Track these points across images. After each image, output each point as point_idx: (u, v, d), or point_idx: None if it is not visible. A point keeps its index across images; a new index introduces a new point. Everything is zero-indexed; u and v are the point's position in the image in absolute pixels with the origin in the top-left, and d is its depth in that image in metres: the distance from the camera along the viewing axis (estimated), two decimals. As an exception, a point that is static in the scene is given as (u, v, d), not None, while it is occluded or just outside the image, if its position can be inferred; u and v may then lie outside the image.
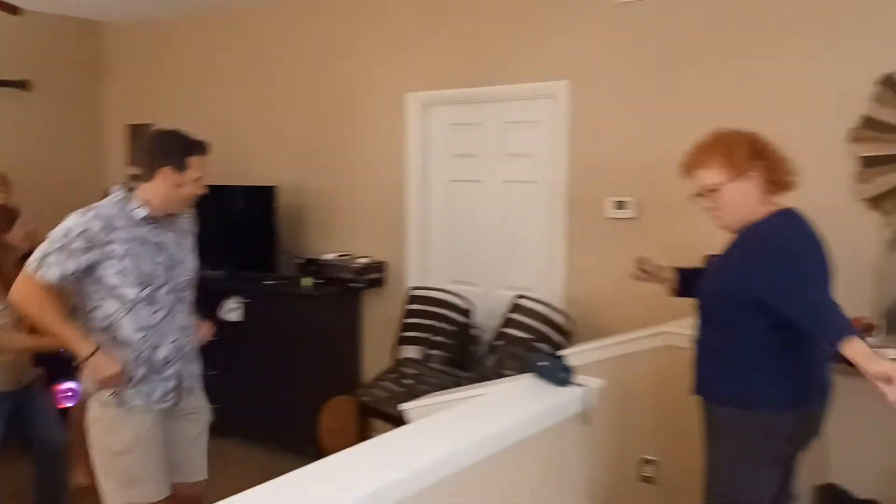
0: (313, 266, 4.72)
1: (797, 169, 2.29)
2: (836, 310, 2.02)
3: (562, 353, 3.46)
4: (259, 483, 1.57)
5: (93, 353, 2.43)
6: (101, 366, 2.42)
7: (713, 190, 2.22)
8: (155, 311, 2.49)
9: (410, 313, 4.48)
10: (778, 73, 3.37)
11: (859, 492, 3.16)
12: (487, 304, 4.36)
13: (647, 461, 3.28)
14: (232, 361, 4.45)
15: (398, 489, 1.63)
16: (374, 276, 4.68)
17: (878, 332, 3.01)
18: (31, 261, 2.41)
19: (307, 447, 4.18)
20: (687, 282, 2.52)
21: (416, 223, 4.62)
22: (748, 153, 2.20)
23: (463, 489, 1.83)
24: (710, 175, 2.22)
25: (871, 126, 3.13)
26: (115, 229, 2.42)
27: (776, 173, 2.23)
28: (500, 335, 4.10)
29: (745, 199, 2.21)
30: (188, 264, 2.62)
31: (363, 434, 3.99)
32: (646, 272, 2.59)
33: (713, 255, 2.43)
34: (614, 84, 3.84)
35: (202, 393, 2.75)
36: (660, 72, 3.70)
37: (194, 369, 2.68)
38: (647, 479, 3.28)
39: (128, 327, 2.46)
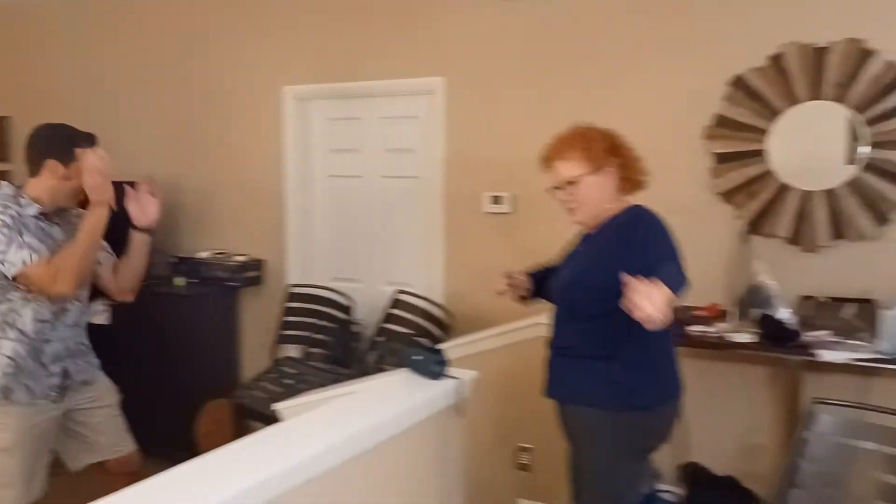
0: (186, 265, 4.56)
1: (650, 168, 2.34)
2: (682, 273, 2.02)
3: (440, 346, 3.52)
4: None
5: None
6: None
7: (571, 182, 2.22)
8: (50, 307, 2.49)
9: (290, 311, 4.40)
10: (641, 73, 3.54)
11: (718, 469, 3.37)
12: (369, 299, 4.35)
13: (523, 449, 3.37)
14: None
15: (267, 489, 1.60)
16: (251, 274, 4.57)
17: (731, 318, 3.21)
18: (14, 262, 2.36)
19: (184, 453, 4.01)
20: (538, 284, 2.49)
21: (295, 219, 4.55)
22: (606, 148, 2.22)
23: (335, 486, 1.82)
24: (569, 167, 2.23)
25: (723, 124, 3.34)
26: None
27: (630, 171, 2.26)
28: (381, 331, 4.10)
29: (601, 194, 2.23)
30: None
31: (241, 437, 3.88)
32: (513, 285, 2.46)
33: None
34: (489, 81, 3.91)
35: (102, 380, 2.75)
36: (532, 70, 3.80)
37: (86, 364, 2.68)
38: (523, 467, 3.38)
39: (26, 318, 2.46)
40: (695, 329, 3.13)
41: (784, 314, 3.10)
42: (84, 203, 2.55)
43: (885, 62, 3.03)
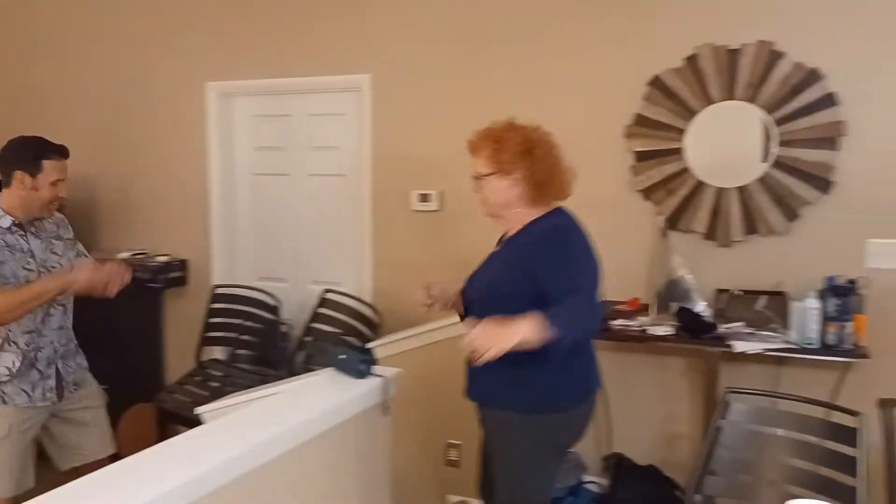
0: (106, 266, 4.40)
1: (575, 165, 2.32)
2: (585, 310, 2.04)
3: (369, 345, 3.51)
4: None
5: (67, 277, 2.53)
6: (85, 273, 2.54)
7: (478, 177, 2.24)
8: (35, 315, 2.59)
9: (215, 312, 4.31)
10: (566, 71, 3.60)
11: (640, 459, 3.47)
12: (297, 299, 4.30)
13: (452, 445, 3.39)
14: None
15: (187, 492, 1.58)
16: (175, 274, 4.45)
17: (651, 311, 3.31)
18: None
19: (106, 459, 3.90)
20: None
21: (219, 218, 4.46)
22: (518, 153, 2.17)
23: (257, 488, 1.80)
24: (479, 164, 2.23)
25: (642, 123, 3.43)
26: None
27: (546, 180, 2.19)
28: (309, 330, 4.06)
29: (504, 195, 2.20)
30: (63, 268, 2.67)
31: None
32: (432, 297, 2.39)
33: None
34: (416, 78, 3.92)
35: (91, 380, 2.90)
36: (458, 67, 3.82)
37: (76, 365, 2.82)
38: (452, 463, 3.40)
39: (16, 331, 2.57)
40: (617, 323, 3.21)
41: (700, 307, 3.21)
42: (62, 208, 2.74)
43: (793, 63, 3.17)
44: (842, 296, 2.89)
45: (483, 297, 2.25)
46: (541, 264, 2.09)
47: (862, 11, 3.11)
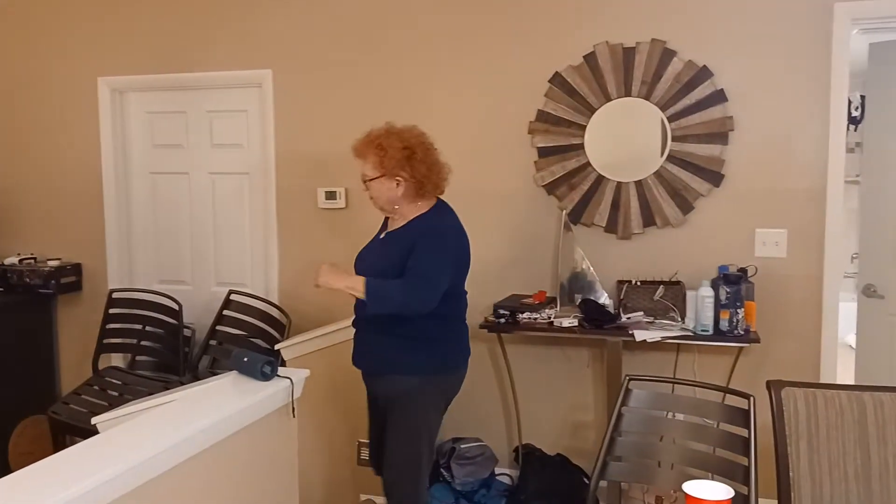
0: (-10, 272, 4.16)
1: (449, 174, 2.60)
2: (407, 293, 2.40)
3: (276, 346, 3.44)
4: None
5: None
6: None
7: (365, 179, 2.54)
8: None
9: (113, 318, 4.13)
10: (470, 69, 3.63)
11: (549, 449, 3.54)
12: (200, 302, 4.17)
13: (364, 444, 3.36)
14: None
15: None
16: (67, 279, 4.24)
17: (556, 304, 3.37)
18: None
19: (-7, 477, 3.68)
20: None
21: (114, 219, 4.26)
22: (399, 160, 2.47)
23: (158, 499, 1.73)
24: (365, 167, 2.53)
25: (544, 119, 3.50)
26: None
27: (427, 179, 2.50)
28: (214, 334, 3.94)
29: (390, 195, 2.51)
30: None
31: (60, 455, 3.60)
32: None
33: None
34: (317, 74, 3.86)
35: None
36: (360, 63, 3.79)
37: None
38: (364, 463, 3.37)
39: None
40: (524, 316, 3.26)
41: (603, 298, 3.30)
42: None
43: (685, 61, 3.30)
44: (733, 284, 3.03)
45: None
46: (411, 250, 2.44)
47: (741, 11, 3.26)
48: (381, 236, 2.64)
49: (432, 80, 3.68)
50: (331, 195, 3.88)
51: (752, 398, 2.23)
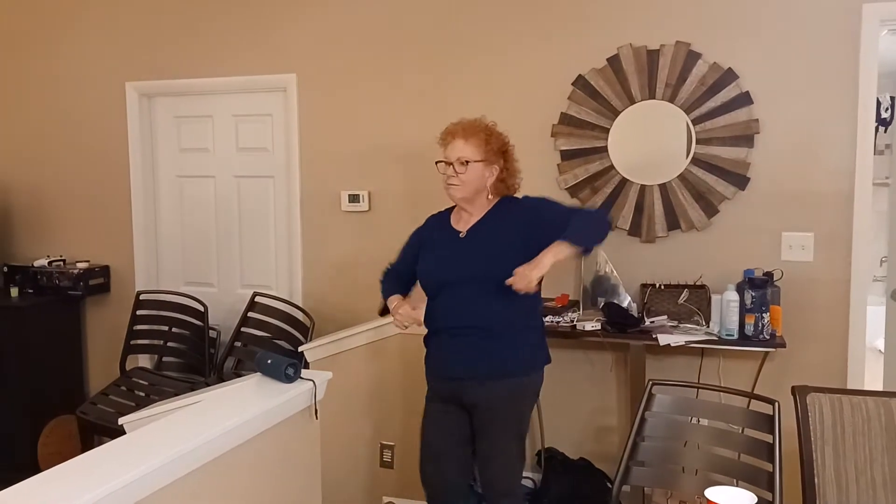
0: (21, 274, 4.23)
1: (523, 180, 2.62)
2: (593, 218, 2.46)
3: (301, 348, 3.47)
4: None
5: None
6: None
7: (463, 162, 2.43)
8: None
9: (140, 319, 4.19)
10: (494, 71, 3.63)
11: (572, 453, 3.52)
12: (226, 303, 4.22)
13: (386, 447, 3.38)
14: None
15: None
16: (96, 281, 4.31)
17: (579, 307, 3.36)
18: None
19: (26, 475, 3.75)
20: (406, 289, 2.66)
21: (142, 222, 4.33)
22: (499, 151, 2.49)
23: (182, 498, 1.75)
24: (467, 149, 2.44)
25: (567, 122, 3.49)
26: None
27: (509, 177, 2.53)
28: (239, 335, 3.98)
29: (480, 183, 2.46)
30: None
31: (88, 454, 3.66)
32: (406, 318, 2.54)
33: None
34: (341, 78, 3.88)
35: None
36: (384, 66, 3.80)
37: None
38: (386, 465, 3.38)
39: None
40: (547, 319, 3.25)
41: (626, 302, 3.28)
42: None
43: (710, 64, 3.27)
44: (759, 288, 3.00)
45: (490, 273, 2.37)
46: (531, 220, 2.42)
47: (768, 13, 3.23)
48: (462, 235, 2.50)
49: (455, 84, 3.69)
50: (354, 198, 3.90)
51: (776, 403, 2.20)
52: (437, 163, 2.51)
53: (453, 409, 2.49)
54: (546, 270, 2.25)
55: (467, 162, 2.42)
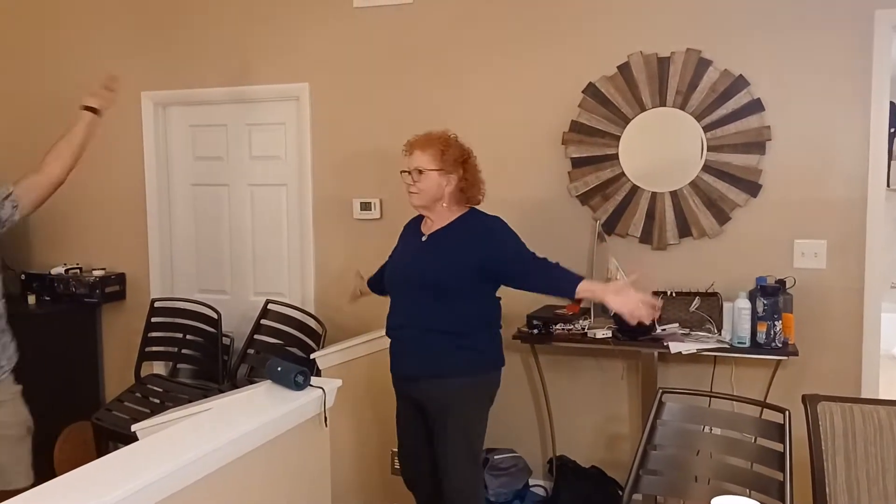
0: (38, 282, 4.29)
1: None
2: (555, 266, 2.52)
3: (313, 355, 3.48)
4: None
5: None
6: None
7: (419, 171, 2.58)
8: None
9: (155, 326, 4.22)
10: (506, 80, 3.64)
11: (584, 460, 3.52)
12: (239, 311, 4.24)
13: (396, 454, 3.38)
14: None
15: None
16: (111, 289, 4.35)
17: (590, 315, 3.35)
18: None
19: (42, 481, 3.79)
20: (376, 284, 2.97)
21: (157, 230, 4.37)
22: (457, 160, 2.60)
23: (190, 506, 1.77)
24: (423, 158, 2.59)
25: (578, 130, 3.49)
26: None
27: (470, 187, 2.64)
28: (252, 342, 4.00)
29: (438, 192, 2.60)
30: None
31: (103, 460, 3.69)
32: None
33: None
34: (353, 87, 3.91)
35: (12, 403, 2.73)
36: (396, 76, 3.83)
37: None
38: (397, 472, 3.38)
39: None
40: (558, 327, 3.25)
41: (638, 309, 3.26)
42: None
43: (721, 71, 3.26)
44: (771, 296, 2.98)
45: (440, 278, 2.54)
46: (492, 252, 2.53)
47: (779, 19, 3.22)
48: (424, 239, 2.66)
49: (467, 92, 3.70)
50: (366, 206, 3.92)
51: (787, 412, 2.19)
52: (401, 172, 2.67)
53: (412, 408, 2.68)
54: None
55: (423, 171, 2.58)
